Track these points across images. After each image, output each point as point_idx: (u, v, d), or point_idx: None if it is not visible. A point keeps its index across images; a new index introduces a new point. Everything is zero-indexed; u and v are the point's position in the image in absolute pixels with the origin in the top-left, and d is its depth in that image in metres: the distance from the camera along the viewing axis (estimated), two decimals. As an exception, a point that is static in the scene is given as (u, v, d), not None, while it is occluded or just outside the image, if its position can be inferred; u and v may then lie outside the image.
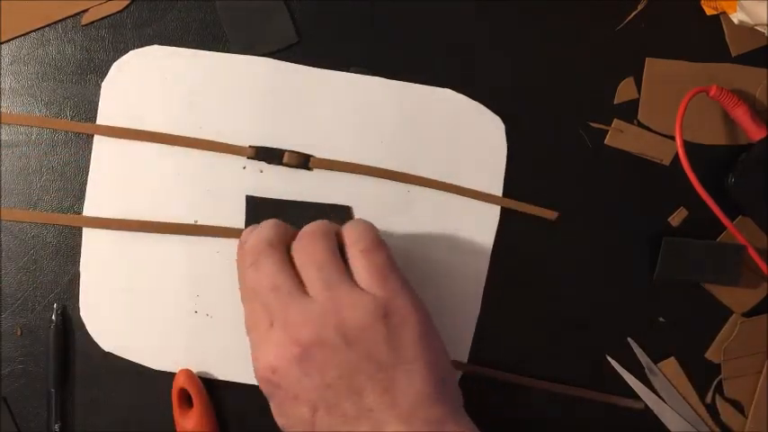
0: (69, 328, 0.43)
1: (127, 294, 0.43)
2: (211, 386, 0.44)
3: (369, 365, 0.34)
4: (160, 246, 0.43)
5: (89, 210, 0.43)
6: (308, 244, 0.37)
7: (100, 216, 0.43)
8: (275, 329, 0.35)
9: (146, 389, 0.44)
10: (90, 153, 0.43)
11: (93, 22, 0.43)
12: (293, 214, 0.42)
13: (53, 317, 0.43)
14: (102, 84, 0.43)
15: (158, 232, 0.43)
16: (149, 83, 0.43)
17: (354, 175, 0.44)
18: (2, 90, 0.43)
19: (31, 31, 0.43)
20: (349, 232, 0.38)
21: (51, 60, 0.43)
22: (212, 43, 0.43)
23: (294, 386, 0.34)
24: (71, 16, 0.43)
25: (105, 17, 0.43)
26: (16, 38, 0.43)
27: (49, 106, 0.43)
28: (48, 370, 0.43)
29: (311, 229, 0.37)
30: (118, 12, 0.43)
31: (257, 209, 0.43)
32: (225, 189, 0.43)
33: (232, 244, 0.43)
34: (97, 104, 0.43)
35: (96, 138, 0.43)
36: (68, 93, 0.43)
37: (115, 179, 0.43)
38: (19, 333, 0.44)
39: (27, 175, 0.43)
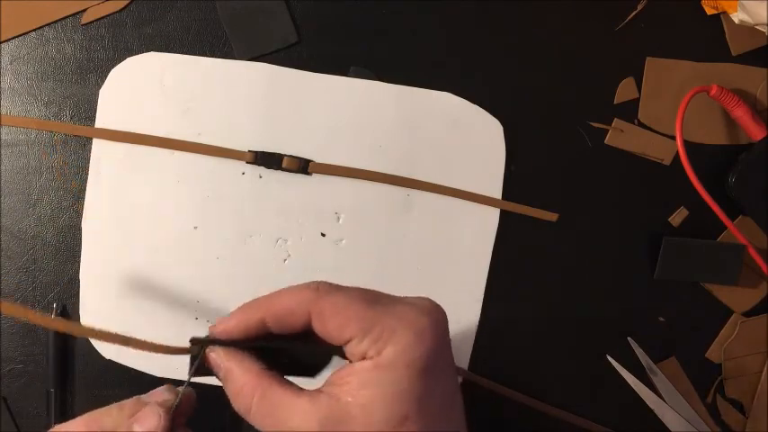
0: (69, 327, 0.43)
1: (127, 301, 0.43)
2: (214, 393, 0.44)
3: None
4: (159, 253, 0.43)
5: (89, 213, 0.43)
6: None
7: (99, 228, 0.43)
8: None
9: (147, 388, 0.44)
10: (90, 153, 0.43)
11: (92, 22, 0.43)
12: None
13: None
14: (100, 91, 0.43)
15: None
16: (147, 89, 0.43)
17: (354, 179, 0.44)
18: (2, 89, 0.43)
19: (31, 31, 0.43)
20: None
21: (51, 60, 0.43)
22: (212, 43, 0.43)
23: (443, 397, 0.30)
24: (71, 16, 0.43)
25: (105, 17, 0.43)
26: (16, 37, 0.43)
27: (49, 106, 0.43)
28: (47, 370, 0.43)
29: None
30: (118, 11, 0.43)
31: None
32: (224, 195, 0.43)
33: (233, 248, 0.43)
34: (97, 104, 0.43)
35: (95, 141, 0.43)
36: (68, 92, 0.43)
37: (114, 184, 0.43)
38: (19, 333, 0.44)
39: (27, 174, 0.43)
